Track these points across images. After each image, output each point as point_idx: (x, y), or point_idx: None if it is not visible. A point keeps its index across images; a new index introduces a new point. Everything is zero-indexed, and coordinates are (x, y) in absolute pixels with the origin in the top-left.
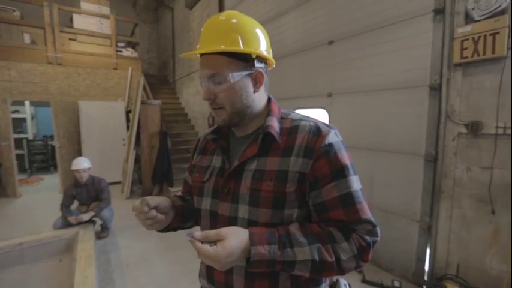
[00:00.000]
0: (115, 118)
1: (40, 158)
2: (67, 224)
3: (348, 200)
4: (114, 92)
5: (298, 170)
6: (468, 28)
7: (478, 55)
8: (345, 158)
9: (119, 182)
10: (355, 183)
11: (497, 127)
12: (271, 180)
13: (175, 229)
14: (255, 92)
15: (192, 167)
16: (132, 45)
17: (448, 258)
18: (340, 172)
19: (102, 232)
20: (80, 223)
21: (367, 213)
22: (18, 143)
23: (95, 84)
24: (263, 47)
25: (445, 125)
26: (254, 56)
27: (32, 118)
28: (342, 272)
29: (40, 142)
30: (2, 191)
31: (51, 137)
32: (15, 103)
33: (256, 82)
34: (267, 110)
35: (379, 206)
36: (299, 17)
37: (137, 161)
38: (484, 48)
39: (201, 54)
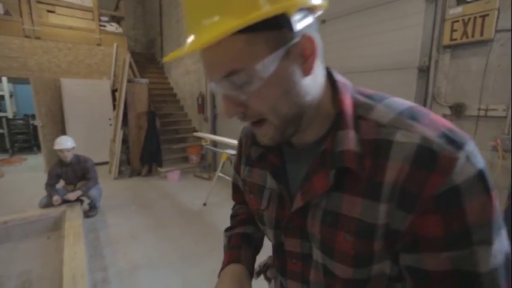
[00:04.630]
0: (100, 97)
1: (22, 138)
2: (52, 204)
3: (462, 279)
4: (99, 70)
5: (389, 224)
6: (459, 9)
7: (467, 37)
8: (480, 207)
9: (106, 163)
10: (492, 255)
11: (479, 109)
12: (349, 233)
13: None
14: (306, 75)
15: (242, 181)
16: (117, 20)
17: None
18: (462, 237)
19: (90, 211)
20: (66, 202)
21: None
22: None
23: (77, 60)
24: None
25: (430, 106)
26: (292, 14)
27: (11, 96)
28: None
29: (21, 121)
30: None
31: (33, 116)
32: None
33: (306, 57)
34: (333, 101)
35: None
36: None
37: (125, 141)
38: (473, 31)
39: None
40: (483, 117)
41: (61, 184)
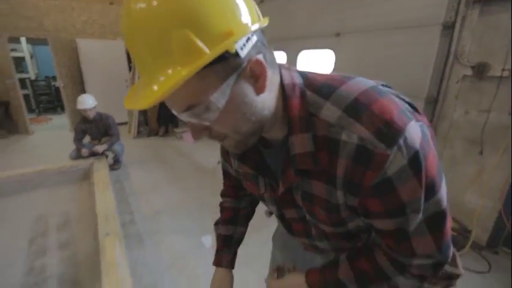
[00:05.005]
0: (116, 58)
1: (45, 99)
2: (82, 156)
3: (402, 235)
4: (112, 30)
5: (346, 202)
6: None
7: None
8: (411, 190)
9: (125, 123)
10: (419, 217)
11: (503, 69)
12: (322, 209)
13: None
14: (259, 93)
15: (235, 171)
16: None
17: None
18: (399, 211)
19: (115, 164)
20: (94, 154)
21: (432, 245)
22: (21, 83)
23: (91, 20)
24: (241, 10)
25: (451, 66)
26: (233, 49)
27: (31, 57)
28: None
29: (43, 83)
30: (14, 128)
31: (54, 78)
32: (11, 41)
33: (257, 77)
34: (284, 106)
35: None
36: None
37: None
38: None
39: None
40: (506, 78)
41: (87, 140)
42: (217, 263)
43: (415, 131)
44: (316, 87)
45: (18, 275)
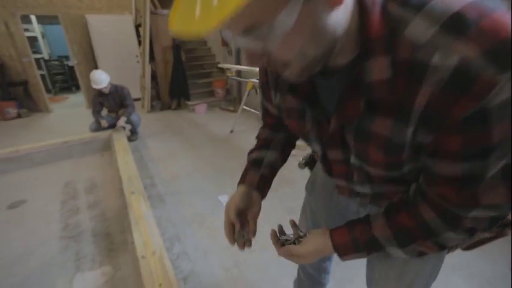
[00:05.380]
0: (125, 33)
1: (60, 79)
2: (101, 128)
3: (469, 183)
4: (119, 4)
5: (415, 139)
6: None
7: None
8: (504, 129)
9: (138, 99)
10: (499, 166)
11: None
12: (379, 148)
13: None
14: (334, 7)
15: (276, 107)
16: None
17: None
18: (482, 154)
19: (132, 136)
20: (113, 126)
21: (497, 198)
22: (36, 63)
23: None
24: None
25: None
26: None
27: (43, 37)
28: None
29: (56, 62)
30: (35, 107)
31: (66, 58)
32: (22, 21)
33: None
34: (360, 24)
35: None
36: None
37: (153, 77)
38: None
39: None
40: None
41: (105, 112)
42: (241, 180)
43: None
44: None
45: (57, 230)
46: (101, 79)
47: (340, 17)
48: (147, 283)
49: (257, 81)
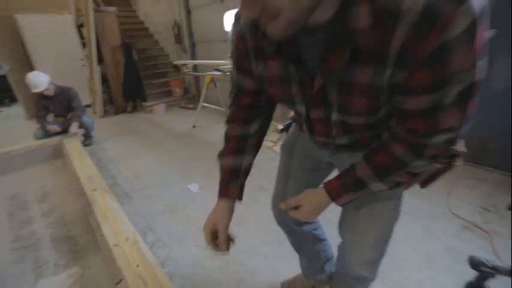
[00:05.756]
0: (65, 35)
1: None
2: (48, 135)
3: (433, 112)
4: (56, 4)
5: (391, 80)
6: None
7: None
8: (462, 59)
9: (89, 106)
10: (457, 89)
11: None
12: (362, 96)
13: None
14: None
15: (256, 75)
16: None
17: None
18: (443, 82)
19: (86, 140)
20: (63, 132)
21: (457, 118)
22: None
23: None
24: None
25: None
26: None
27: None
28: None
29: None
30: None
31: None
32: None
33: None
34: None
35: None
36: None
37: (104, 80)
38: None
39: None
40: None
41: (51, 118)
42: (222, 193)
43: None
44: None
45: (6, 243)
46: (40, 81)
47: None
48: (123, 267)
49: (216, 73)
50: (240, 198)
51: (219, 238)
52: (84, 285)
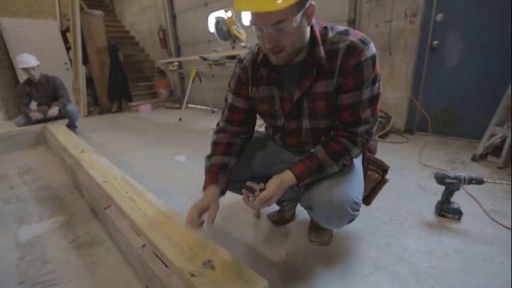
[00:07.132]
0: (50, 39)
1: None
2: (30, 122)
3: (355, 107)
4: (41, 9)
5: (336, 88)
6: None
7: None
8: (369, 73)
9: None
10: (368, 93)
11: None
12: (322, 100)
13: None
14: (308, 25)
15: (252, 98)
16: None
17: None
18: (360, 85)
19: (70, 129)
20: (46, 120)
21: (369, 114)
22: None
23: None
24: None
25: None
26: None
27: None
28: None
29: None
30: None
31: None
32: None
33: (309, 16)
34: (311, 36)
35: None
36: None
37: (88, 82)
38: None
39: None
40: None
41: (34, 107)
42: (213, 181)
43: (373, 44)
44: (323, 26)
45: None
46: (29, 58)
47: (308, 30)
48: (112, 194)
49: (200, 67)
50: (225, 191)
51: (208, 217)
52: (71, 227)
